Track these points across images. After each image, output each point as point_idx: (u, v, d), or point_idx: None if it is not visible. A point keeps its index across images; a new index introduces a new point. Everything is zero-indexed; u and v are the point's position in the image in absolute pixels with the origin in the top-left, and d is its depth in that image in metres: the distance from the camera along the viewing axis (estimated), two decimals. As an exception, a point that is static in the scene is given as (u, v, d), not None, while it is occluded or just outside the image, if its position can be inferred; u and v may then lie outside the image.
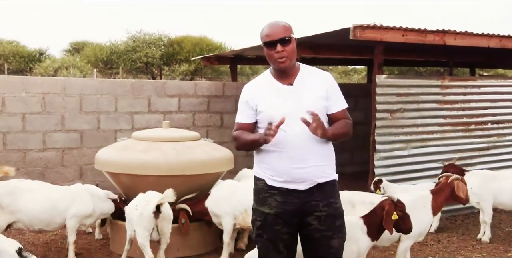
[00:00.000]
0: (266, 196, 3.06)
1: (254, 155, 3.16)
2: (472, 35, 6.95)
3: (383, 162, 6.68)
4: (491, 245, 5.93)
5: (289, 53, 2.96)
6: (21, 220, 4.96)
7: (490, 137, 7.64)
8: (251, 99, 3.07)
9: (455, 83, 7.32)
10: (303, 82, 3.05)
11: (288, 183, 3.00)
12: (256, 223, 3.11)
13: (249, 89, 3.14)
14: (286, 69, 3.03)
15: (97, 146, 7.40)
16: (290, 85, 3.04)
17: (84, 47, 30.39)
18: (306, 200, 3.02)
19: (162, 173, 5.30)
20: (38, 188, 5.15)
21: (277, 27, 2.98)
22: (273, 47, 2.95)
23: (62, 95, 7.63)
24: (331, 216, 3.06)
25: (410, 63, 14.03)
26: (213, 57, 11.22)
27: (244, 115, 3.11)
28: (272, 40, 2.95)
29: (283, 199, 3.02)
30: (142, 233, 4.50)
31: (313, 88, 3.03)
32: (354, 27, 6.05)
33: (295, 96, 3.00)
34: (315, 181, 3.01)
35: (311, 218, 3.04)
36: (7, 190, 4.94)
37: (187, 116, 8.63)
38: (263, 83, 3.12)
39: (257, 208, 3.11)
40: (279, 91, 3.03)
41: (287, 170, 2.98)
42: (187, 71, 25.08)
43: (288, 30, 2.99)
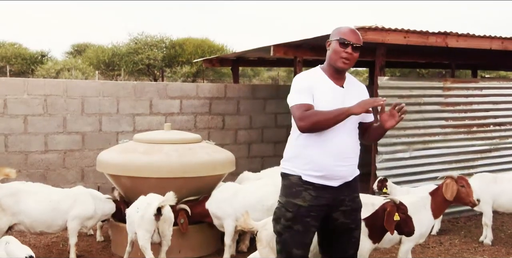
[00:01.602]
0: (300, 189, 3.21)
1: (287, 151, 3.30)
2: (474, 37, 6.94)
3: (385, 164, 6.68)
4: (493, 247, 5.92)
5: (353, 58, 3.19)
6: (23, 222, 4.95)
7: (492, 139, 7.63)
8: (311, 86, 3.17)
9: (457, 85, 7.31)
10: (351, 88, 3.28)
11: (325, 179, 3.18)
12: (287, 215, 3.23)
13: (307, 79, 3.23)
14: (341, 72, 3.24)
15: (99, 148, 7.40)
16: (342, 87, 3.24)
17: (86, 49, 30.45)
18: (336, 196, 3.24)
19: (164, 175, 5.30)
20: (39, 190, 5.16)
21: (356, 33, 3.21)
22: (346, 47, 3.16)
23: (64, 97, 7.63)
24: (355, 210, 3.34)
25: (412, 65, 14.01)
26: (215, 59, 11.22)
27: (307, 97, 3.14)
28: (349, 41, 3.15)
29: (316, 193, 3.19)
30: (143, 235, 4.50)
31: (356, 95, 3.22)
32: (356, 28, 6.04)
33: (345, 98, 3.18)
34: (348, 178, 3.25)
35: (338, 213, 3.27)
36: (8, 192, 4.94)
37: (189, 118, 8.63)
38: (317, 78, 3.25)
39: (289, 200, 3.24)
40: (332, 90, 3.21)
41: (329, 166, 3.16)
42: (188, 73, 25.10)
43: (361, 41, 3.22)
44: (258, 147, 9.18)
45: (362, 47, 3.24)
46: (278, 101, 9.18)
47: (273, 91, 9.51)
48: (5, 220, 4.89)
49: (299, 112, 3.09)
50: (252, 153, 9.17)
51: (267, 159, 9.07)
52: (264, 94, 9.30)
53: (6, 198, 4.90)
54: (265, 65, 15.22)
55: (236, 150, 8.38)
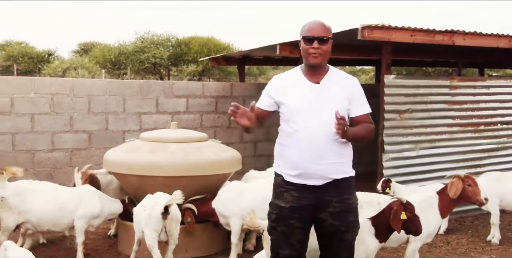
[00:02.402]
0: (283, 190, 3.20)
1: (274, 150, 3.31)
2: (481, 35, 6.90)
3: (392, 163, 6.66)
4: (500, 246, 5.89)
5: (323, 51, 3.10)
6: (30, 221, 4.97)
7: (499, 138, 7.59)
8: (276, 91, 3.20)
9: (464, 84, 7.27)
10: (330, 83, 3.17)
11: (303, 178, 3.13)
12: (272, 216, 3.25)
13: (277, 81, 3.27)
14: (316, 67, 3.16)
15: (105, 147, 7.43)
16: (317, 83, 3.16)
17: (92, 48, 30.54)
18: (320, 196, 3.15)
19: (170, 173, 5.30)
20: (46, 188, 5.17)
21: (318, 25, 3.13)
22: (311, 43, 3.09)
23: (70, 96, 7.66)
24: (344, 211, 3.19)
25: (418, 64, 13.96)
26: (221, 57, 11.23)
27: (261, 101, 3.25)
28: (311, 35, 3.09)
29: (298, 194, 3.15)
30: (150, 234, 4.51)
31: (338, 90, 3.17)
32: (363, 27, 6.04)
33: (320, 95, 3.13)
34: (330, 177, 3.14)
35: (325, 214, 3.17)
36: (16, 190, 4.95)
37: (195, 117, 8.64)
38: (292, 77, 3.25)
39: (273, 202, 3.26)
40: (305, 88, 3.16)
41: (304, 164, 3.10)
42: (194, 72, 25.12)
43: (328, 31, 3.14)
44: (264, 146, 9.17)
45: (368, 46, 3.24)
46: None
47: (279, 90, 9.49)
48: (12, 219, 4.91)
49: None
50: (258, 152, 9.18)
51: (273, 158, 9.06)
52: (270, 93, 9.29)
53: (13, 197, 4.91)
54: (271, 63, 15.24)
55: (242, 148, 8.38)
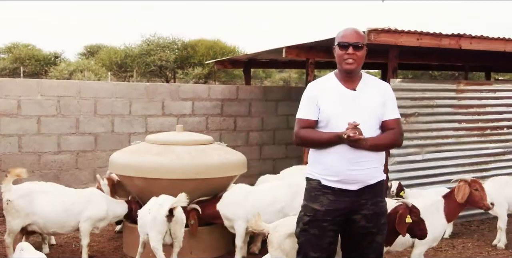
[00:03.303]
0: (319, 194, 3.25)
1: (309, 156, 3.35)
2: (488, 39, 6.88)
3: (397, 167, 6.64)
4: (506, 251, 5.86)
5: (358, 58, 3.17)
6: (36, 223, 4.98)
7: (506, 142, 7.55)
8: (316, 96, 3.24)
9: (470, 88, 7.25)
10: (365, 90, 3.23)
11: (341, 183, 3.19)
12: (304, 219, 3.29)
13: (314, 87, 3.31)
14: (351, 74, 3.22)
15: (111, 149, 7.44)
16: (353, 90, 3.22)
17: (98, 50, 30.68)
18: (356, 199, 3.22)
19: (176, 176, 5.31)
20: (52, 190, 5.17)
21: (353, 32, 3.20)
22: (346, 49, 3.16)
23: (77, 98, 7.69)
24: (377, 214, 3.28)
25: (425, 67, 13.93)
26: (226, 61, 11.24)
27: (309, 111, 3.26)
28: (347, 42, 3.16)
29: (335, 197, 3.21)
30: (155, 237, 4.51)
31: (373, 96, 3.23)
32: (369, 31, 6.03)
33: (357, 101, 3.19)
34: (367, 182, 3.22)
35: (358, 217, 3.24)
36: (22, 192, 4.96)
37: (201, 120, 8.66)
38: (328, 84, 3.29)
39: (307, 204, 3.30)
40: (342, 95, 3.21)
41: (343, 171, 3.16)
42: (200, 75, 25.17)
43: (362, 38, 3.21)
44: (269, 149, 9.18)
45: (374, 49, 3.25)
46: (289, 103, 9.17)
47: (285, 93, 9.50)
48: (18, 221, 4.92)
49: (296, 128, 3.27)
50: (264, 155, 9.18)
51: (279, 161, 9.08)
52: (276, 96, 9.30)
53: (19, 199, 4.92)
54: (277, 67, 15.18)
55: (248, 151, 8.38)
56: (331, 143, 3.15)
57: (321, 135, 3.19)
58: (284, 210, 5.09)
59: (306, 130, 3.23)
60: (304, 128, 3.24)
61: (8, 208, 4.89)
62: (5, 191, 4.90)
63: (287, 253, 3.82)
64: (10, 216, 4.91)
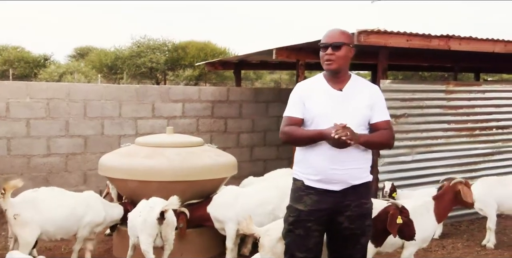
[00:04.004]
0: (302, 194, 3.24)
1: (295, 156, 3.34)
2: (477, 40, 6.92)
3: (387, 167, 6.66)
4: (496, 251, 5.90)
5: (337, 58, 3.15)
6: (46, 231, 4.79)
7: (494, 142, 7.60)
8: (303, 96, 3.25)
9: (459, 89, 7.29)
10: (352, 90, 3.22)
11: (323, 183, 3.18)
12: (289, 219, 3.30)
13: (302, 87, 3.33)
14: (337, 74, 3.21)
15: (101, 151, 7.40)
16: (340, 91, 3.21)
17: (88, 52, 30.56)
18: (339, 200, 3.20)
19: (166, 178, 5.29)
20: (55, 195, 5.02)
21: (334, 33, 3.20)
22: (325, 50, 3.18)
23: (66, 101, 7.65)
24: (361, 216, 3.26)
25: (415, 68, 14.00)
26: (217, 62, 11.23)
27: (295, 110, 3.26)
28: (325, 43, 3.18)
29: (318, 198, 3.20)
30: (145, 240, 4.49)
31: (360, 97, 3.22)
32: (359, 32, 6.05)
33: (343, 101, 3.19)
34: (350, 183, 3.19)
35: (342, 218, 3.23)
36: (26, 203, 4.73)
37: (191, 122, 8.64)
38: (315, 84, 3.30)
39: (292, 205, 3.30)
40: (328, 95, 3.21)
41: (325, 170, 3.15)
42: (191, 77, 25.13)
43: (343, 37, 3.19)
44: (260, 150, 9.18)
45: (364, 50, 3.25)
46: (280, 104, 9.17)
47: (276, 94, 9.51)
48: (31, 233, 4.67)
49: (282, 125, 3.27)
50: (255, 156, 9.17)
51: (270, 162, 9.07)
52: (267, 97, 9.31)
53: (27, 210, 4.69)
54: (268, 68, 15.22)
55: (239, 153, 8.38)
56: (313, 140, 3.14)
57: (304, 132, 3.18)
58: (275, 212, 5.09)
59: (290, 127, 3.22)
60: (289, 125, 3.24)
61: (17, 222, 4.65)
62: (8, 207, 4.64)
63: (278, 256, 3.81)
64: (21, 230, 4.66)
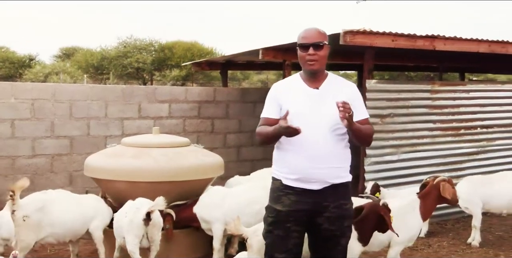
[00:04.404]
0: (281, 194, 3.21)
1: (273, 155, 3.31)
2: (462, 40, 6.99)
3: (373, 167, 6.70)
4: (481, 249, 5.96)
5: (319, 57, 3.13)
6: (54, 234, 4.74)
7: (479, 142, 7.67)
8: (278, 96, 3.24)
9: (444, 88, 7.36)
10: (328, 88, 3.21)
11: (302, 182, 3.15)
12: (268, 220, 3.27)
13: (278, 87, 3.32)
14: (315, 74, 3.20)
15: (87, 152, 7.34)
16: (316, 89, 3.19)
17: (74, 53, 30.34)
18: (318, 201, 3.17)
19: (154, 179, 5.27)
20: (63, 197, 4.98)
21: (312, 32, 3.16)
22: (306, 50, 3.13)
23: (52, 101, 7.59)
24: (341, 217, 3.22)
25: (401, 68, 14.10)
26: (204, 62, 11.21)
27: (271, 110, 3.26)
28: (306, 43, 3.13)
29: (297, 198, 3.16)
30: (132, 240, 4.47)
31: (337, 95, 3.17)
32: (345, 32, 6.08)
33: (319, 100, 3.16)
34: (328, 181, 3.16)
35: (321, 219, 3.19)
36: (37, 205, 4.66)
37: (178, 122, 8.61)
38: (291, 83, 3.29)
39: (270, 206, 3.27)
40: (305, 94, 3.19)
41: (303, 168, 3.12)
42: (178, 77, 25.06)
43: (323, 37, 3.17)
44: (247, 151, 9.17)
45: (350, 51, 3.26)
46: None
47: (263, 94, 9.39)
48: (33, 236, 4.61)
49: (257, 126, 3.26)
50: (242, 157, 9.17)
51: (257, 163, 9.06)
52: (254, 97, 9.31)
53: (37, 212, 4.62)
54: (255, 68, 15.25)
55: (226, 153, 8.36)
56: (274, 136, 3.10)
57: (266, 130, 3.15)
58: (262, 212, 5.06)
59: (259, 127, 3.22)
60: (261, 126, 3.23)
61: (24, 224, 4.55)
62: (17, 208, 4.53)
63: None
64: (25, 232, 4.57)
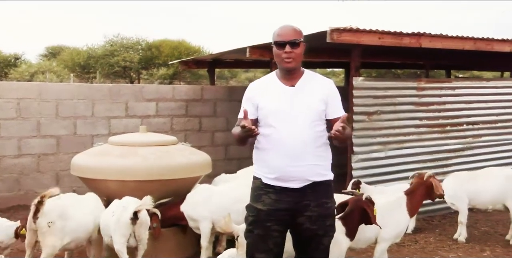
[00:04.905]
0: (261, 193, 3.20)
1: (253, 154, 3.31)
2: (447, 38, 7.03)
3: (361, 164, 6.73)
4: (467, 244, 6.01)
5: (296, 55, 3.12)
6: (78, 238, 4.63)
7: (465, 138, 7.72)
8: (254, 96, 3.23)
9: (431, 85, 7.40)
10: (305, 85, 3.19)
11: (282, 180, 3.13)
12: (248, 219, 3.25)
13: (253, 87, 3.31)
14: (291, 71, 3.19)
15: (73, 151, 7.28)
16: (292, 86, 3.18)
17: (61, 51, 30.07)
18: (299, 200, 3.14)
19: (142, 178, 5.25)
20: (77, 201, 4.91)
21: (288, 29, 3.15)
22: (283, 48, 3.11)
23: (38, 101, 7.54)
24: (322, 216, 3.19)
25: (388, 66, 14.16)
26: (191, 61, 11.20)
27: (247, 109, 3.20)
28: (282, 40, 3.11)
29: (277, 197, 3.15)
30: (119, 240, 4.45)
31: (313, 92, 3.18)
32: (331, 30, 6.09)
33: (295, 97, 3.15)
34: (308, 179, 3.13)
35: (302, 218, 3.17)
36: (59, 211, 4.55)
37: (165, 121, 8.60)
38: (267, 82, 3.28)
39: (251, 205, 3.25)
40: (280, 92, 3.18)
41: (282, 167, 3.11)
42: (165, 75, 24.97)
43: (299, 34, 3.15)
44: (235, 149, 9.17)
45: (337, 48, 3.26)
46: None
47: (250, 92, 9.50)
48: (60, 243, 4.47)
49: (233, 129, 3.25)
50: (229, 155, 9.17)
51: (244, 161, 9.05)
52: (241, 96, 9.10)
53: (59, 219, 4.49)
54: (242, 66, 15.25)
55: (213, 152, 8.36)
56: (240, 136, 3.07)
57: (237, 130, 3.11)
58: (249, 210, 5.09)
59: (234, 128, 3.21)
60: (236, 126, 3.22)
61: (50, 230, 4.42)
62: (42, 216, 4.40)
63: None
64: (51, 238, 4.41)
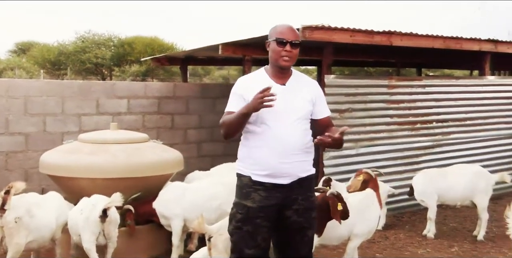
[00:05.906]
0: (250, 190, 3.23)
1: (239, 152, 3.33)
2: (417, 36, 7.12)
3: (332, 161, 6.77)
4: (436, 240, 6.11)
5: (294, 55, 3.21)
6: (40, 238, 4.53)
7: (434, 136, 7.83)
8: (245, 91, 3.22)
9: (401, 83, 7.48)
10: (294, 85, 3.27)
11: (272, 177, 3.19)
12: (237, 216, 3.27)
13: (244, 82, 3.32)
14: (285, 70, 3.26)
15: (43, 149, 7.15)
16: (283, 85, 3.23)
17: (30, 47, 29.56)
18: (287, 195, 3.23)
19: (111, 175, 5.21)
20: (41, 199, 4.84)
21: (290, 29, 3.23)
22: (283, 46, 3.17)
23: (5, 97, 7.38)
24: (308, 209, 3.31)
25: (361, 64, 14.28)
26: (163, 58, 11.10)
27: (235, 104, 3.23)
28: (285, 39, 3.17)
29: (266, 194, 3.21)
30: (88, 238, 4.40)
31: (302, 92, 3.26)
32: (303, 28, 6.11)
33: (286, 96, 3.18)
34: (298, 175, 3.23)
35: (290, 212, 3.26)
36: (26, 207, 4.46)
37: (137, 118, 8.50)
38: (257, 78, 3.29)
39: (240, 202, 3.27)
40: (273, 90, 3.13)
41: (273, 164, 3.17)
42: (138, 72, 24.73)
43: (298, 36, 3.25)
44: (208, 146, 9.14)
45: (310, 46, 3.29)
46: (227, 100, 9.13)
47: (223, 90, 9.46)
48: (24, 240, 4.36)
49: (220, 120, 3.24)
50: (202, 152, 9.13)
51: (217, 158, 9.03)
52: (214, 93, 9.27)
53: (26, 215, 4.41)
54: (215, 64, 15.17)
55: (186, 149, 8.31)
56: (243, 114, 3.07)
57: (230, 116, 3.15)
58: (222, 207, 5.08)
59: (224, 117, 3.21)
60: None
61: (16, 226, 4.32)
62: (9, 208, 4.33)
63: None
64: (18, 235, 4.32)
